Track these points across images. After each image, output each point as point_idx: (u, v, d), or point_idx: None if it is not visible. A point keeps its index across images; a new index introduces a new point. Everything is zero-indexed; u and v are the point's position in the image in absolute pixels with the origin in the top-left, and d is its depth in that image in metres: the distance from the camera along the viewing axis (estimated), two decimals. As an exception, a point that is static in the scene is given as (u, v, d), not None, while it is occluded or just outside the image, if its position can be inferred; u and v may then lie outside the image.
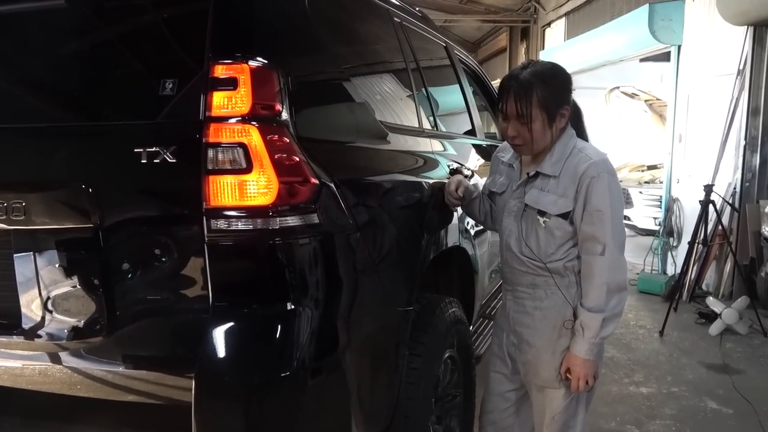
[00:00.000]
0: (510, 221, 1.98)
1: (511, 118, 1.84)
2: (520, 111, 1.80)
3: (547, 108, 1.81)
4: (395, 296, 1.90)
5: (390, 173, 1.99)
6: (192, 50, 1.54)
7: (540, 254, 1.91)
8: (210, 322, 1.45)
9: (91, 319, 1.59)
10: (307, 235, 1.49)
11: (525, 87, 1.80)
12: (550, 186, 1.88)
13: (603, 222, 1.80)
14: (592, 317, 1.83)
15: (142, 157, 1.45)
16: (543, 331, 1.95)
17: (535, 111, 1.80)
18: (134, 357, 1.57)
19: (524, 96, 1.80)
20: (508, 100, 1.83)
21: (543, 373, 1.96)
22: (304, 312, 1.47)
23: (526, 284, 1.97)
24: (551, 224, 1.87)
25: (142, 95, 1.61)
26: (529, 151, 1.91)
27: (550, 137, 1.86)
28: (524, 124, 1.81)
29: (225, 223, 1.42)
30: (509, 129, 1.86)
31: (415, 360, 1.99)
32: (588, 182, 1.81)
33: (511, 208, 1.98)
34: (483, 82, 3.96)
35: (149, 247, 1.51)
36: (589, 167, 1.82)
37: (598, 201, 1.80)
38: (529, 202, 1.91)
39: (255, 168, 1.41)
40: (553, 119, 1.84)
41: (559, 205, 1.85)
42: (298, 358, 1.45)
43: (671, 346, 4.51)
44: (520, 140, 1.86)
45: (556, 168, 1.87)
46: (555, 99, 1.83)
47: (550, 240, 1.88)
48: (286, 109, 1.50)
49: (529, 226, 1.92)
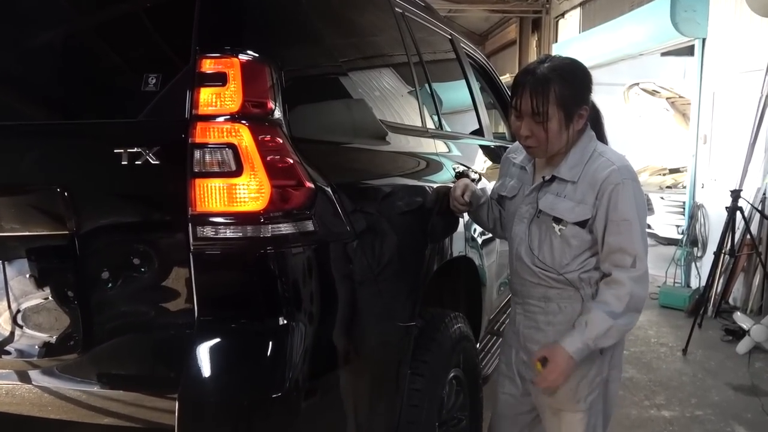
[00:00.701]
0: (521, 228, 1.99)
1: (526, 115, 1.84)
2: (536, 108, 1.80)
3: (565, 107, 1.82)
4: (396, 310, 1.90)
5: (390, 176, 2.00)
6: (177, 43, 1.55)
7: (554, 264, 1.91)
8: (195, 338, 1.45)
9: (65, 335, 1.59)
10: (301, 244, 1.49)
11: (542, 83, 1.80)
12: (567, 191, 1.88)
13: (631, 232, 1.81)
14: (603, 319, 1.82)
15: (123, 158, 1.45)
16: None
17: (552, 109, 1.80)
18: (112, 376, 1.57)
19: (541, 92, 1.80)
20: (522, 96, 1.83)
21: (558, 394, 1.96)
22: (298, 327, 1.48)
23: (538, 297, 1.97)
24: (567, 232, 1.87)
25: (123, 91, 1.61)
26: (543, 153, 1.91)
27: (566, 139, 1.86)
28: (539, 123, 1.82)
29: (212, 231, 1.42)
30: (522, 128, 1.86)
31: (418, 380, 1.99)
32: (611, 189, 1.81)
33: (522, 213, 1.99)
34: (491, 77, 3.98)
35: (129, 256, 1.51)
36: (612, 173, 1.82)
37: (625, 210, 1.81)
38: (544, 208, 1.91)
39: (245, 171, 1.41)
40: (571, 119, 1.84)
41: (576, 213, 1.85)
42: (291, 378, 1.45)
43: (695, 365, 4.51)
44: (533, 141, 1.86)
45: (575, 173, 1.87)
46: (574, 97, 1.84)
47: (566, 249, 1.89)
48: (279, 107, 1.51)
49: (543, 233, 1.92)
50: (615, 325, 1.82)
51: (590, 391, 1.96)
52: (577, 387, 1.94)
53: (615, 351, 1.99)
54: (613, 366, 2.00)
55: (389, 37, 2.41)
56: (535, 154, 1.94)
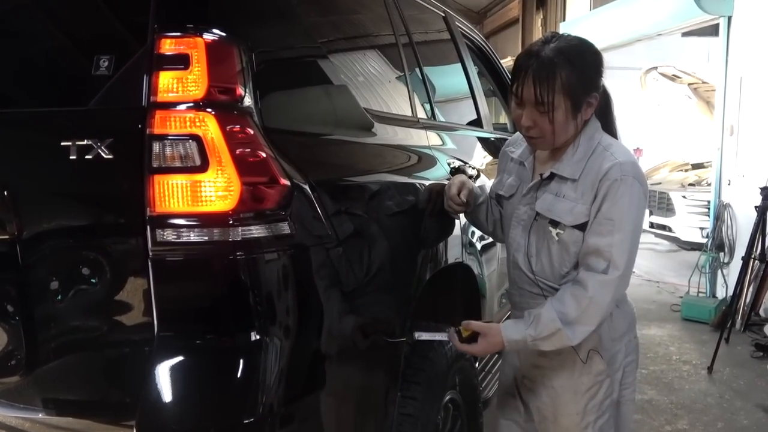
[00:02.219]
0: (517, 233, 1.99)
1: (528, 104, 1.83)
2: (540, 97, 1.79)
3: (573, 94, 1.81)
4: (384, 325, 1.91)
5: (377, 173, 2.01)
6: (132, 20, 1.56)
7: (553, 274, 1.92)
8: (154, 357, 1.45)
9: (5, 354, 1.58)
10: (275, 249, 1.50)
11: (546, 67, 1.79)
12: (566, 190, 1.88)
13: (612, 234, 1.79)
14: (552, 319, 1.81)
15: (71, 152, 1.45)
16: (560, 368, 1.96)
17: (557, 98, 1.79)
18: (59, 401, 1.57)
19: (545, 79, 1.79)
20: (524, 83, 1.82)
21: (563, 420, 1.98)
22: (272, 344, 1.48)
23: None
24: (566, 237, 1.87)
25: (71, 76, 1.62)
26: (547, 146, 1.91)
27: (574, 130, 1.87)
28: (543, 113, 1.81)
29: (174, 234, 1.42)
30: (524, 118, 1.85)
31: (409, 404, 2.00)
32: (608, 185, 1.80)
33: (519, 216, 1.99)
34: (490, 60, 4.00)
35: (79, 264, 1.51)
36: (613, 168, 1.81)
37: (613, 209, 1.79)
38: (541, 209, 1.91)
39: (211, 166, 1.41)
40: (579, 108, 1.83)
41: (575, 214, 1.85)
42: (265, 402, 1.46)
43: (722, 385, 4.54)
44: (536, 132, 1.85)
45: (577, 169, 1.87)
46: (582, 84, 1.83)
47: (565, 257, 1.89)
48: (249, 93, 1.51)
49: (540, 239, 1.93)
50: (562, 330, 1.80)
51: (599, 415, 1.97)
52: (584, 411, 1.95)
53: (627, 368, 2.00)
54: (625, 385, 2.01)
55: (375, 15, 2.42)
56: (539, 146, 1.94)
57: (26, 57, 1.67)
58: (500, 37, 14.67)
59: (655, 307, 6.48)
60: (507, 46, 13.63)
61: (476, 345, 1.90)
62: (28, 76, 1.66)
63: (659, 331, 5.68)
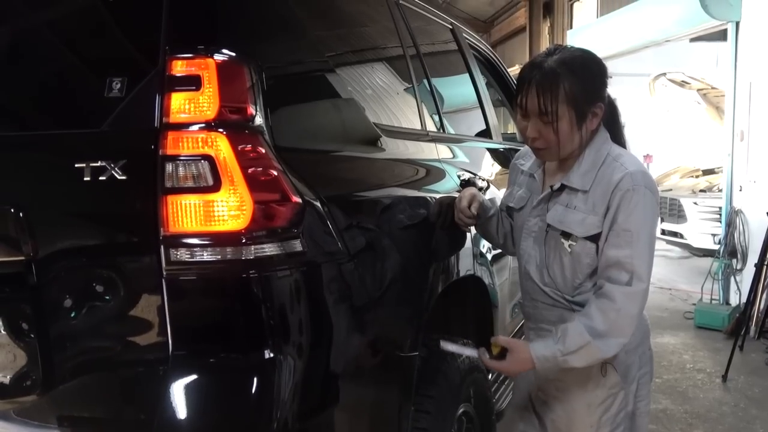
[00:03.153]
0: (529, 245, 2.00)
1: (532, 115, 1.85)
2: (543, 107, 1.81)
3: (576, 105, 1.82)
4: (397, 339, 1.92)
5: (387, 187, 2.02)
6: (144, 42, 1.57)
7: (566, 285, 1.93)
8: (169, 376, 1.46)
9: (22, 374, 1.59)
10: (288, 266, 1.51)
11: (550, 78, 1.81)
12: (577, 202, 1.89)
13: (632, 246, 1.80)
14: (581, 333, 1.80)
15: (85, 173, 1.46)
16: (575, 380, 1.96)
17: (561, 108, 1.81)
18: (75, 419, 1.58)
19: (549, 89, 1.80)
20: (528, 94, 1.84)
21: None
22: (286, 361, 1.49)
23: (554, 321, 1.98)
24: (578, 249, 1.88)
25: (84, 98, 1.63)
26: (553, 157, 1.92)
27: (579, 141, 1.88)
28: (548, 123, 1.82)
29: (187, 254, 1.43)
30: (529, 129, 1.87)
31: (423, 418, 2.00)
32: (621, 195, 1.81)
33: (530, 228, 2.00)
34: (498, 70, 4.01)
35: (94, 283, 1.52)
36: (624, 179, 1.82)
37: (630, 219, 1.80)
38: (552, 221, 1.92)
39: (224, 185, 1.43)
40: (584, 119, 1.85)
41: (587, 226, 1.86)
42: (279, 419, 1.46)
43: (737, 393, 4.52)
44: (542, 143, 1.87)
45: (587, 180, 1.88)
46: (586, 94, 1.84)
47: (577, 268, 1.90)
48: (260, 112, 1.52)
49: (552, 250, 1.94)
50: (592, 344, 1.80)
51: (613, 428, 1.96)
52: (599, 423, 1.95)
53: (642, 380, 2.00)
54: (640, 397, 2.00)
55: (382, 28, 2.44)
56: (545, 157, 1.95)
57: (39, 80, 1.69)
58: (507, 45, 14.70)
59: (667, 314, 6.45)
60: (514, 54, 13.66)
61: (505, 362, 1.89)
62: (42, 99, 1.67)
63: (672, 339, 5.65)
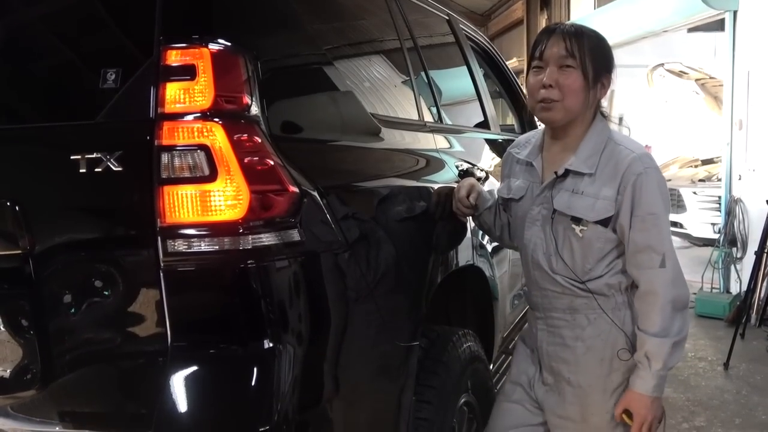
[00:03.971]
0: (534, 232, 2.00)
1: (551, 62, 1.87)
2: (569, 49, 1.85)
3: (594, 62, 1.87)
4: (396, 329, 1.91)
5: (385, 177, 2.01)
6: (138, 32, 1.56)
7: (576, 271, 1.92)
8: (168, 368, 1.45)
9: (21, 369, 1.59)
10: (286, 256, 1.50)
11: (575, 31, 1.89)
12: (584, 186, 1.89)
13: (659, 227, 1.84)
14: (661, 344, 1.84)
15: (80, 165, 1.46)
16: (588, 366, 1.96)
17: (582, 57, 1.86)
18: (75, 414, 1.57)
19: (574, 36, 1.87)
20: (549, 41, 1.88)
21: (593, 419, 1.97)
22: (285, 351, 1.48)
23: (563, 309, 1.98)
24: (589, 233, 1.89)
25: (78, 90, 1.62)
26: (558, 115, 1.89)
27: (585, 105, 1.89)
28: (567, 68, 1.85)
29: (184, 244, 1.42)
30: (546, 76, 1.87)
31: (424, 408, 2.00)
32: (634, 180, 1.83)
33: (534, 216, 2.00)
34: (496, 62, 4.00)
35: (91, 276, 1.51)
36: (633, 162, 1.85)
37: (650, 202, 1.83)
38: (560, 207, 1.92)
39: (220, 175, 1.42)
40: (596, 81, 1.89)
41: (598, 210, 1.87)
42: (280, 410, 1.46)
43: (739, 381, 4.53)
44: (555, 93, 1.86)
45: (591, 164, 1.89)
46: (602, 58, 1.91)
47: (588, 252, 1.90)
48: (256, 101, 1.51)
49: (560, 236, 1.94)
50: (672, 339, 1.85)
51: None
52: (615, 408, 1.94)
53: None
54: None
55: (379, 20, 2.43)
56: (551, 115, 1.90)
57: (33, 72, 1.69)
58: (505, 38, 14.66)
59: (668, 304, 6.43)
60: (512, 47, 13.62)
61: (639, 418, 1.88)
62: (36, 92, 1.67)
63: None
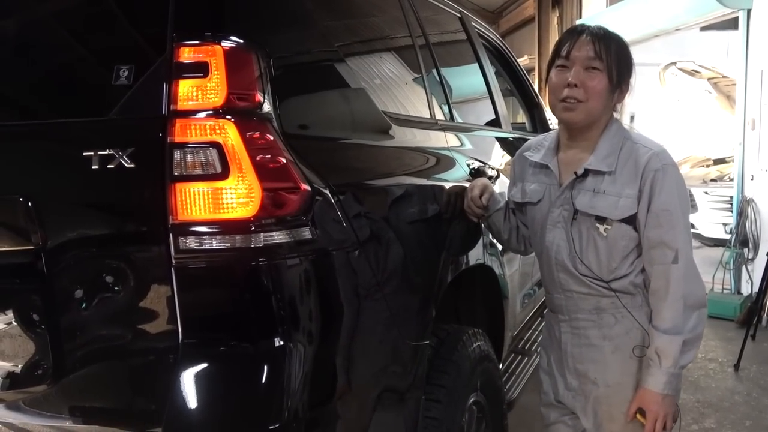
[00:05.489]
0: (557, 234, 1.99)
1: (577, 62, 1.87)
2: (598, 52, 1.86)
3: (619, 66, 1.88)
4: (407, 328, 1.91)
5: (396, 175, 2.01)
6: (151, 29, 1.56)
7: (601, 270, 1.92)
8: (179, 365, 1.45)
9: (32, 364, 1.60)
10: (297, 254, 1.50)
11: (602, 34, 1.89)
12: (605, 186, 1.89)
13: (672, 223, 1.84)
14: (670, 341, 1.84)
15: (93, 162, 1.46)
16: (617, 365, 1.96)
17: (609, 60, 1.87)
18: (86, 409, 1.58)
19: (602, 39, 1.87)
20: (577, 42, 1.88)
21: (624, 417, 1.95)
22: (296, 349, 1.48)
23: (589, 310, 1.98)
24: (614, 232, 1.89)
25: (91, 87, 1.63)
26: (580, 116, 1.89)
27: (604, 108, 1.90)
28: (593, 70, 1.86)
29: (196, 242, 1.43)
30: (572, 76, 1.87)
31: (434, 407, 2.00)
32: (652, 176, 1.84)
33: (555, 218, 1.99)
34: (507, 60, 3.99)
35: (103, 273, 1.52)
36: (651, 159, 1.86)
37: (666, 199, 1.84)
38: (582, 207, 1.92)
39: (232, 172, 1.42)
40: (619, 85, 1.90)
41: (621, 208, 1.87)
42: (290, 408, 1.46)
43: (749, 383, 4.50)
44: (580, 93, 1.86)
45: (610, 162, 1.89)
46: (626, 65, 1.92)
47: (613, 251, 1.90)
48: (268, 99, 1.51)
49: (583, 237, 1.93)
50: (684, 336, 1.85)
51: None
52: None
53: None
54: None
55: (391, 17, 2.42)
56: (573, 116, 1.90)
57: (47, 69, 1.69)
58: (516, 36, 14.62)
59: (679, 304, 6.41)
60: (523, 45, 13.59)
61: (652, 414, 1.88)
62: (49, 88, 1.67)
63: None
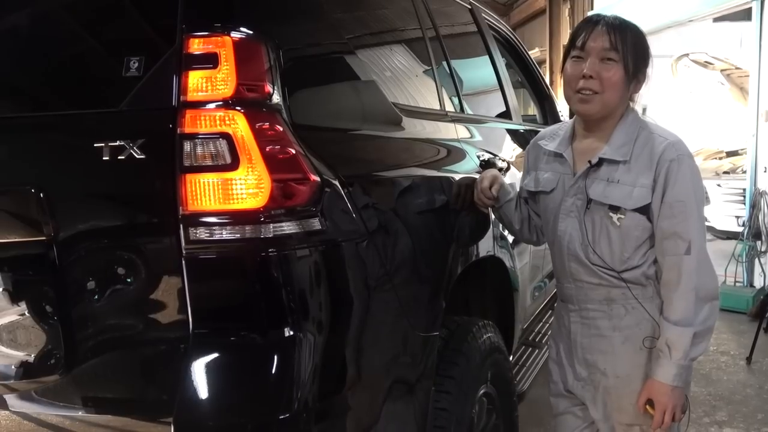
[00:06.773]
0: (570, 223, 1.98)
1: (593, 54, 1.85)
2: (614, 43, 1.84)
3: (635, 57, 1.87)
4: (416, 319, 1.91)
5: (406, 167, 2.01)
6: (161, 21, 1.57)
7: (613, 260, 1.92)
8: (190, 355, 1.46)
9: (45, 354, 1.61)
10: (307, 245, 1.50)
11: (619, 24, 1.87)
12: (619, 175, 1.89)
13: (686, 214, 1.83)
14: (681, 333, 1.84)
15: (104, 153, 1.47)
16: (626, 356, 1.96)
17: (625, 51, 1.85)
18: (98, 399, 1.59)
19: (618, 30, 1.85)
20: (593, 32, 1.86)
21: (633, 408, 1.96)
22: (306, 339, 1.49)
23: (599, 300, 1.98)
24: (627, 222, 1.88)
25: (102, 78, 1.63)
26: (596, 107, 1.88)
27: (621, 100, 1.89)
28: (610, 60, 1.84)
29: (206, 232, 1.43)
30: (588, 67, 1.85)
31: (443, 398, 2.00)
32: (667, 166, 1.84)
33: (568, 207, 1.98)
34: (518, 52, 3.98)
35: (114, 263, 1.53)
36: (667, 149, 1.85)
37: (680, 190, 1.83)
38: (596, 196, 1.91)
39: (242, 163, 1.42)
40: (635, 76, 1.89)
41: (635, 198, 1.87)
42: (300, 398, 1.46)
43: (762, 376, 4.49)
44: (596, 84, 1.85)
45: (625, 152, 1.89)
46: (643, 55, 1.90)
47: (626, 241, 1.90)
48: (278, 90, 1.52)
49: (596, 226, 1.93)
50: (695, 328, 1.84)
51: None
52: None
53: None
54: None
55: (401, 9, 2.42)
56: (589, 108, 1.89)
57: (57, 61, 1.70)
58: (527, 28, 14.58)
59: (691, 297, 6.39)
60: (534, 37, 13.54)
61: (660, 406, 1.88)
62: (60, 80, 1.68)
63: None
